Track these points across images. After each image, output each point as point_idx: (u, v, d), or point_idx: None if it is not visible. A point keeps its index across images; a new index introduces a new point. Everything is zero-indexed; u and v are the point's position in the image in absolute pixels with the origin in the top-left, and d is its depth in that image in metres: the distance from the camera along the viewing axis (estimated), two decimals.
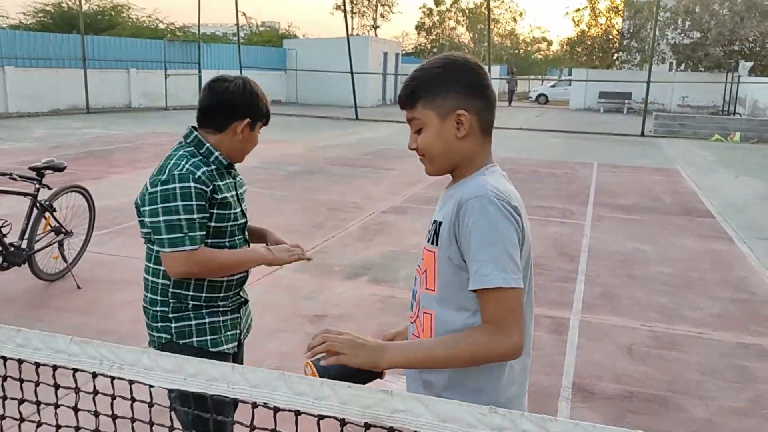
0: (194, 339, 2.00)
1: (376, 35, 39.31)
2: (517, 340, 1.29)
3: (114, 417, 1.56)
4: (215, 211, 1.97)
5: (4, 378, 1.63)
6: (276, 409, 1.25)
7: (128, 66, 21.87)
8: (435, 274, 1.44)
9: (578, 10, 31.17)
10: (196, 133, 2.04)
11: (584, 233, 7.00)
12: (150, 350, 1.40)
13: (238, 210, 2.08)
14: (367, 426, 1.17)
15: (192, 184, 1.90)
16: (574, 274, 5.59)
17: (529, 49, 50.79)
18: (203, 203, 1.92)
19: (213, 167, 2.00)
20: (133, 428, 1.55)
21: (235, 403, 1.34)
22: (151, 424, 1.48)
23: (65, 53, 19.88)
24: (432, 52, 42.27)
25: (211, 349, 2.01)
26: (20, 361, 1.52)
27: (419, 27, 42.10)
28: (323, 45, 29.24)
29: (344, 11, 26.73)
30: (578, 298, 4.98)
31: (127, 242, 6.15)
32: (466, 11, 40.98)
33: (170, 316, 1.99)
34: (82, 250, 5.26)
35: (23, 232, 4.59)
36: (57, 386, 1.59)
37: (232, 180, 2.08)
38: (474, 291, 1.32)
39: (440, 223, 1.44)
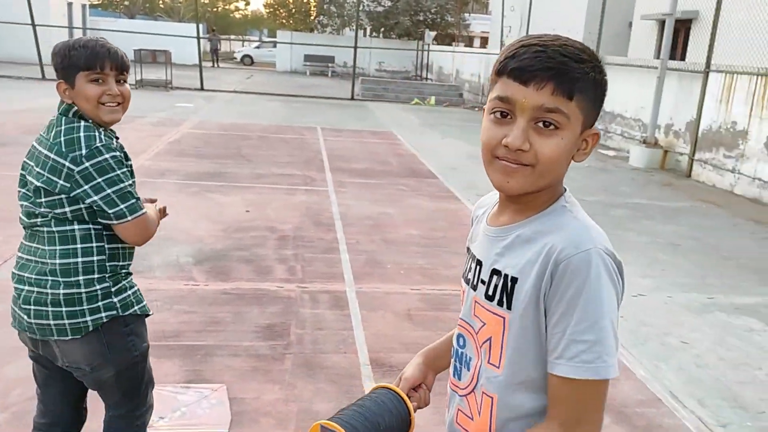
0: (136, 308, 2.03)
1: None
2: None
3: None
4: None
5: None
6: None
7: None
8: (503, 347, 1.12)
9: None
10: (74, 106, 1.94)
11: (331, 200, 7.07)
12: None
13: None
14: None
15: (117, 153, 1.90)
16: (335, 243, 5.60)
17: (227, 7, 49.53)
18: (126, 169, 1.93)
19: None
20: None
21: None
22: None
23: None
24: (123, 5, 38.73)
25: (149, 313, 2.10)
26: None
27: None
28: None
29: None
30: (347, 269, 4.99)
31: None
32: None
33: (112, 290, 1.96)
34: None
35: None
36: None
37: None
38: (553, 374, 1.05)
39: (515, 279, 1.09)
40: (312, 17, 33.00)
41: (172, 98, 16.19)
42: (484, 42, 32.03)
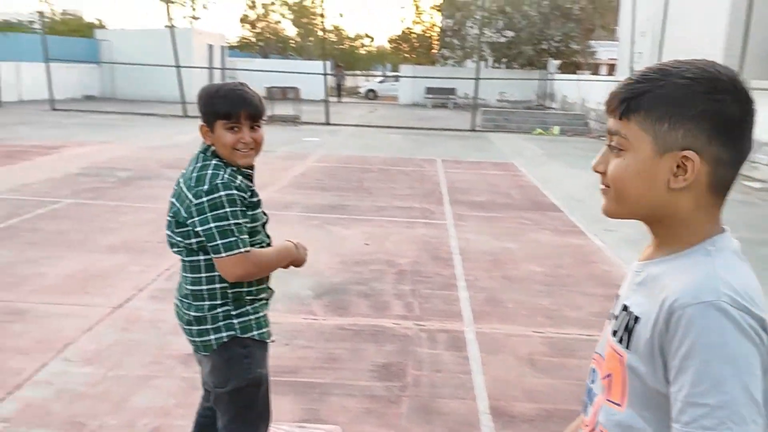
0: (255, 332, 2.16)
1: (193, 26, 37.39)
2: None
3: None
4: (250, 212, 2.08)
5: None
6: None
7: None
8: (623, 387, 1.04)
9: (403, 7, 31.90)
10: (213, 147, 2.10)
11: (450, 234, 6.94)
12: None
13: (259, 210, 2.17)
14: None
15: (234, 191, 2.01)
16: (454, 279, 5.45)
17: (353, 44, 51.35)
18: (243, 209, 2.04)
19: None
20: None
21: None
22: None
23: None
24: (258, 46, 41.21)
25: (267, 341, 2.23)
26: None
27: (243, 20, 40.75)
28: (141, 36, 27.13)
29: None
30: (466, 307, 4.82)
31: None
32: (291, 5, 40.36)
33: (233, 313, 2.12)
34: None
35: None
36: None
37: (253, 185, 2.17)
38: None
39: (637, 318, 1.02)
40: (434, 51, 33.36)
41: (300, 133, 16.84)
42: (611, 69, 30.89)
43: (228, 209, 1.98)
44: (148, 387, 3.47)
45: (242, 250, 2.00)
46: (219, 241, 1.98)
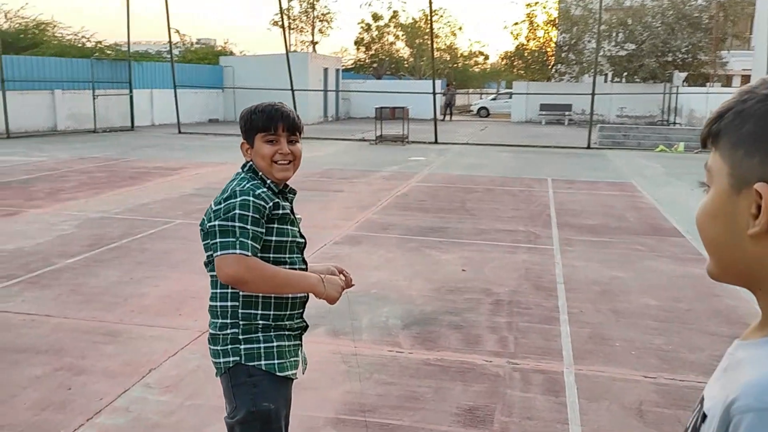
0: (263, 362, 2.02)
1: (315, 51, 38.64)
2: None
3: None
4: (276, 225, 2.02)
5: None
6: None
7: (53, 87, 20.48)
8: None
9: (516, 23, 31.25)
10: (251, 162, 2.10)
11: (555, 260, 6.48)
12: None
13: (297, 229, 2.13)
14: None
15: (251, 198, 1.96)
16: (556, 312, 5.02)
17: (467, 62, 51.06)
18: (258, 217, 1.96)
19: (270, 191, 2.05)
20: None
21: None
22: None
23: None
24: (372, 67, 41.92)
25: (278, 373, 2.03)
26: None
27: (358, 42, 41.68)
28: (261, 62, 28.36)
29: (282, 27, 25.99)
30: (566, 344, 4.40)
31: (40, 296, 5.24)
32: (405, 26, 40.81)
33: (240, 338, 2.02)
34: None
35: None
36: None
37: (288, 204, 2.12)
38: None
39: (704, 416, 0.78)
40: (550, 66, 32.41)
41: (407, 152, 16.77)
42: (746, 80, 28.53)
43: (237, 212, 1.93)
44: (220, 420, 3.36)
45: (237, 251, 1.89)
46: (218, 240, 1.92)
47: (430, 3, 20.13)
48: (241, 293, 2.02)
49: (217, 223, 1.94)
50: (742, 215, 0.75)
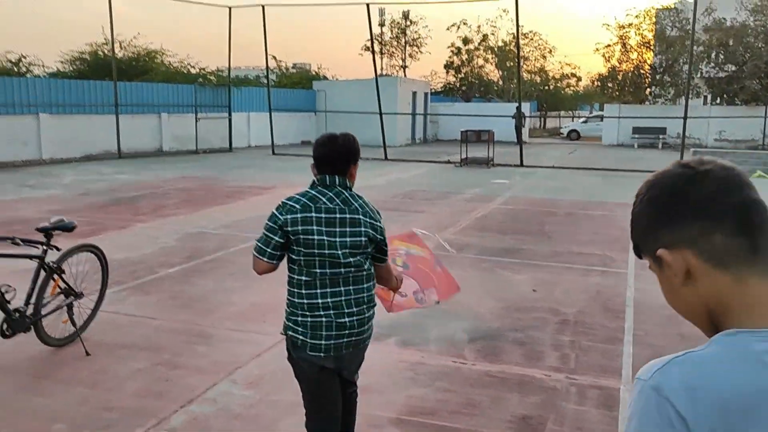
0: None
1: (405, 75, 39.45)
2: None
3: None
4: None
5: None
6: None
7: (159, 111, 22.12)
8: None
9: (608, 45, 30.72)
10: (314, 180, 2.72)
11: (628, 284, 6.53)
12: None
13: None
14: None
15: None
16: (621, 333, 5.13)
17: (558, 85, 50.43)
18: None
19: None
20: None
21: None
22: None
23: (98, 99, 20.17)
24: (461, 90, 42.23)
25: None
26: None
27: (448, 66, 42.14)
28: (352, 86, 29.33)
29: (372, 52, 26.84)
30: (627, 364, 4.51)
31: (145, 300, 5.87)
32: (495, 49, 40.93)
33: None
34: (94, 312, 4.99)
35: (29, 296, 4.33)
36: None
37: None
38: None
39: None
40: (644, 89, 31.59)
41: (491, 175, 16.93)
42: None
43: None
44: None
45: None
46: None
47: (517, 26, 20.30)
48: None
49: (383, 235, 2.73)
50: (668, 278, 1.02)
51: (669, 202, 1.00)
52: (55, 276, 4.49)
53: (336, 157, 2.65)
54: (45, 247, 4.38)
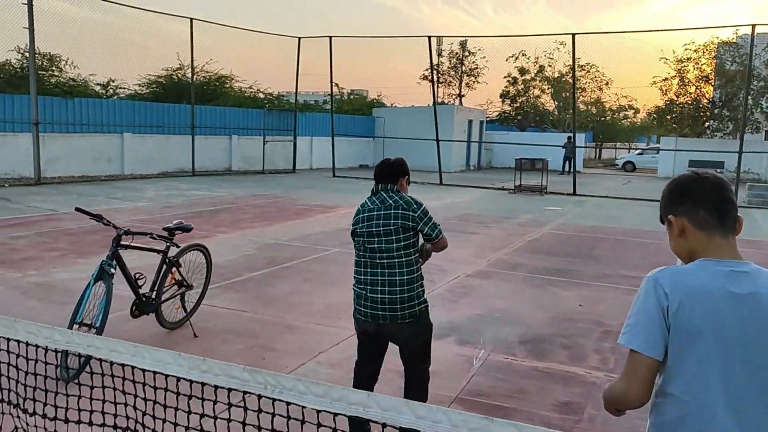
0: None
1: (461, 103, 40.30)
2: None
3: None
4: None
5: (190, 397, 2.12)
6: (401, 429, 1.66)
7: (230, 133, 23.53)
8: None
9: (665, 79, 30.85)
10: (397, 187, 3.71)
11: None
12: (305, 379, 1.87)
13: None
14: None
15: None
16: None
17: (615, 116, 50.41)
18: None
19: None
20: None
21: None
22: None
23: (176, 121, 21.71)
24: (516, 119, 42.79)
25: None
26: (203, 384, 1.99)
27: (504, 95, 42.83)
28: (409, 113, 30.35)
29: (431, 81, 27.79)
30: None
31: (235, 297, 6.76)
32: (551, 80, 41.43)
33: (423, 296, 3.67)
34: (199, 301, 5.90)
35: (154, 284, 5.25)
36: (230, 405, 2.06)
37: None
38: None
39: None
40: (702, 122, 31.53)
41: (544, 202, 17.48)
42: None
43: (428, 210, 3.73)
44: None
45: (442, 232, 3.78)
46: (434, 226, 3.73)
47: (573, 61, 20.88)
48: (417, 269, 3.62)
49: (427, 217, 3.61)
50: (671, 234, 1.87)
51: (679, 190, 1.85)
52: (174, 269, 5.40)
53: (382, 173, 3.68)
54: (168, 244, 5.30)
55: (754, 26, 18.19)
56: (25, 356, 2.45)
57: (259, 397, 1.89)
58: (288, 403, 1.86)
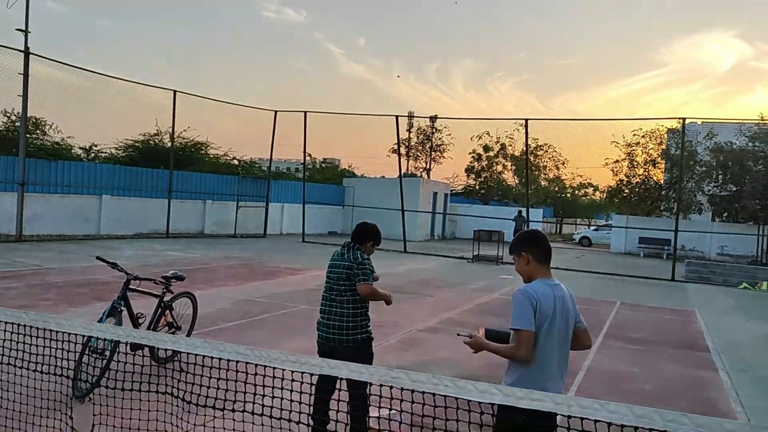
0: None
1: (428, 176, 42.23)
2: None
3: None
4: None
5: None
6: None
7: (205, 198, 24.65)
8: None
9: (617, 161, 33.17)
10: (356, 245, 4.91)
11: (588, 357, 8.26)
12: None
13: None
14: None
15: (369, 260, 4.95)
16: (569, 386, 6.86)
17: (576, 193, 52.95)
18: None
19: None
20: None
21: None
22: None
23: (153, 185, 22.80)
24: (480, 193, 44.77)
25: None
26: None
27: (468, 170, 44.96)
28: (378, 184, 31.95)
29: (399, 155, 29.49)
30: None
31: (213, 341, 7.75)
32: (513, 157, 43.76)
33: (367, 327, 4.87)
34: None
35: (150, 323, 6.27)
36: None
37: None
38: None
39: None
40: (649, 203, 33.70)
41: (498, 271, 18.79)
42: None
43: (368, 263, 4.85)
44: None
45: (371, 282, 4.80)
46: (361, 275, 4.78)
47: (526, 142, 22.72)
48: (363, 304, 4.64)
49: (362, 270, 4.63)
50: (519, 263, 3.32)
51: (528, 239, 3.31)
52: (167, 312, 6.44)
53: (355, 233, 4.91)
54: (164, 290, 6.36)
55: (683, 119, 20.34)
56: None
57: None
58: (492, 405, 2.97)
